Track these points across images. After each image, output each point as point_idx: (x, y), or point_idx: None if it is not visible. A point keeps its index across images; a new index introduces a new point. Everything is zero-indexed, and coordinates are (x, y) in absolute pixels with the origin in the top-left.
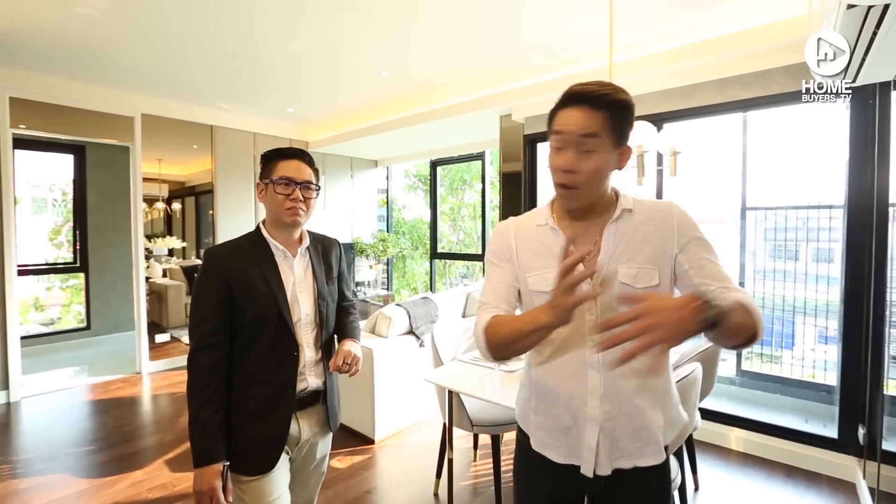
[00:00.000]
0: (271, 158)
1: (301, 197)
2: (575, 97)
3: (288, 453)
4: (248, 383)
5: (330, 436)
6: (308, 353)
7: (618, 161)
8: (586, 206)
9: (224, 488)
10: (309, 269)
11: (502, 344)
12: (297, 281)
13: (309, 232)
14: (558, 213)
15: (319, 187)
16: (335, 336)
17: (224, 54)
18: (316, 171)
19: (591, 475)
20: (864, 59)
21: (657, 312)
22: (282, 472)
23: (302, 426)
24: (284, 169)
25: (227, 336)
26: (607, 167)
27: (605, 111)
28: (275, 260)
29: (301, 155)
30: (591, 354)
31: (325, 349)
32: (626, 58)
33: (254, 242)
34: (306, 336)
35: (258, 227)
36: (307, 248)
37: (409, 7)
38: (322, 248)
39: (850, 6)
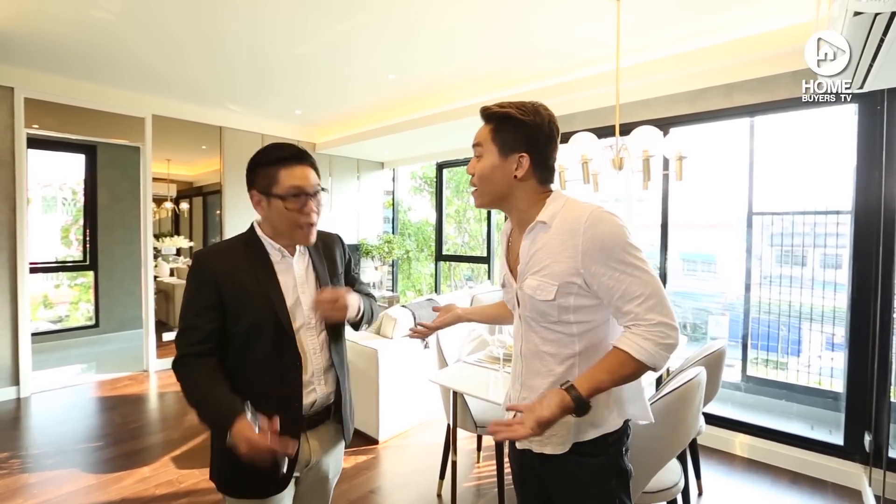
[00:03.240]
0: (266, 164)
1: (315, 208)
2: (481, 112)
3: (295, 474)
4: (247, 398)
5: (342, 447)
6: (315, 360)
7: (513, 168)
8: (511, 212)
9: (259, 430)
10: (310, 267)
11: None
12: (299, 282)
13: None
14: (516, 219)
15: (325, 188)
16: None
17: (234, 57)
18: (316, 169)
19: (519, 447)
20: (871, 66)
21: (527, 416)
22: (286, 495)
23: (312, 447)
24: (289, 178)
25: (216, 344)
26: (494, 171)
27: (491, 123)
28: (270, 260)
29: (303, 157)
30: (518, 347)
31: (336, 353)
32: (633, 62)
33: (246, 242)
34: (311, 342)
35: (252, 227)
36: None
37: (417, 12)
38: (323, 244)
39: (857, 13)
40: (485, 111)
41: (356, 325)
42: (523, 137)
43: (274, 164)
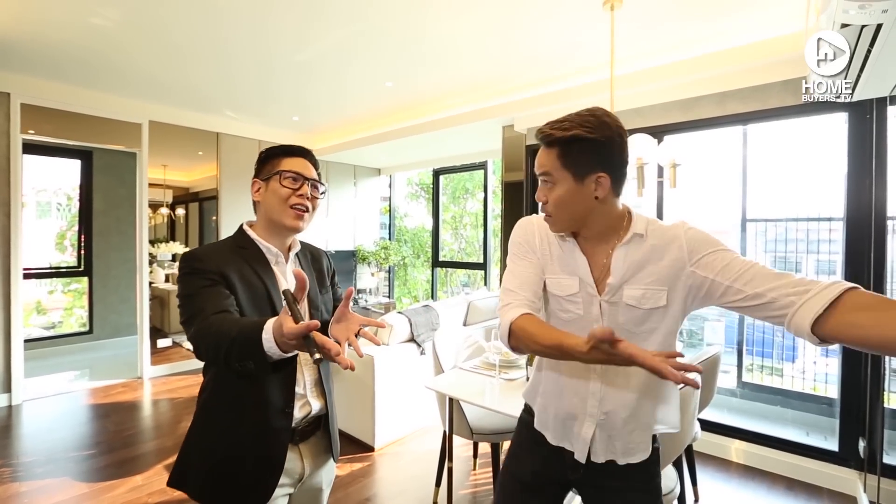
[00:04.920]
0: (273, 155)
1: (309, 194)
2: (539, 138)
3: (287, 489)
4: (239, 405)
5: (332, 464)
6: (308, 372)
7: (592, 189)
8: (587, 228)
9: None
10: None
11: (524, 345)
12: (293, 288)
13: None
14: None
15: (326, 187)
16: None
17: (232, 64)
18: (319, 173)
19: (583, 461)
20: (859, 76)
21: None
22: None
23: (305, 459)
24: (290, 163)
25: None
26: (573, 198)
27: (556, 149)
28: (265, 258)
29: (306, 153)
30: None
31: (324, 367)
32: (627, 70)
33: (239, 244)
34: (303, 353)
35: (241, 229)
36: (297, 254)
37: (414, 20)
38: (311, 255)
39: (844, 25)
40: (546, 137)
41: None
42: (598, 157)
43: (279, 155)
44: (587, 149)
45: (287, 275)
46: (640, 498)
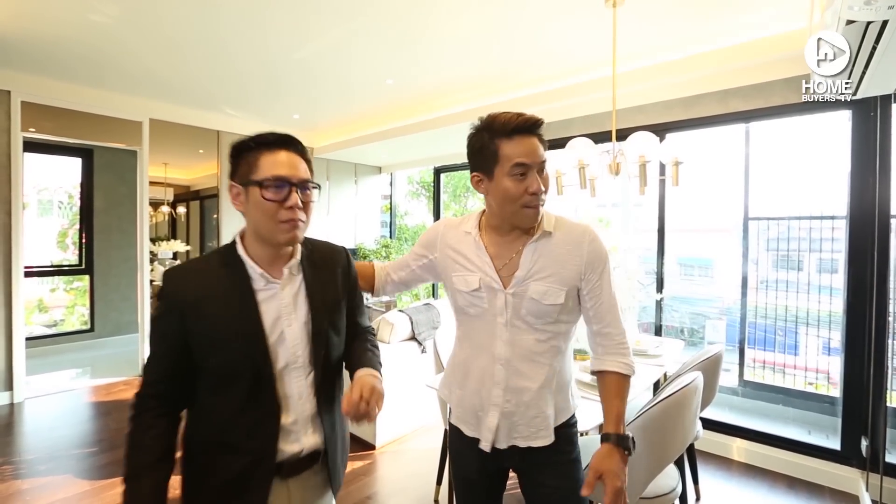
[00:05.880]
0: (247, 150)
1: (300, 203)
2: (527, 127)
3: None
4: (213, 449)
5: (331, 497)
6: (300, 407)
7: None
8: (513, 223)
9: None
10: (301, 292)
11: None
12: (284, 312)
13: (306, 239)
14: (485, 227)
15: (318, 185)
16: (343, 373)
17: (233, 61)
18: (309, 163)
19: (488, 450)
20: (864, 73)
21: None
22: None
23: (293, 496)
24: (271, 166)
25: (176, 386)
26: None
27: (541, 138)
28: (251, 285)
29: (290, 143)
30: (499, 352)
31: (327, 398)
32: (629, 68)
33: (224, 261)
34: (297, 385)
35: (233, 242)
36: (299, 263)
37: (415, 17)
38: (321, 260)
39: (850, 22)
40: (539, 123)
41: None
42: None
43: (256, 149)
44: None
45: (280, 295)
46: (557, 473)
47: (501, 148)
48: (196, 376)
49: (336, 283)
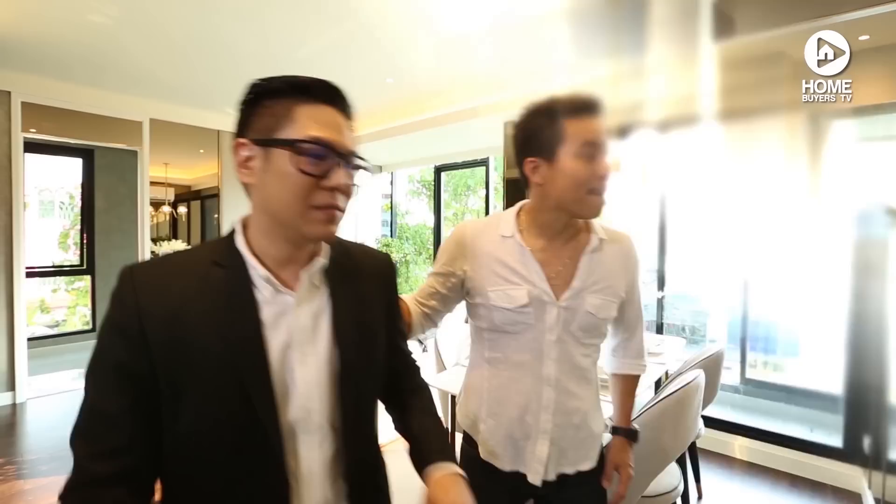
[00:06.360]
0: (272, 94)
1: (344, 187)
2: (595, 106)
3: None
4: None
5: None
6: (315, 488)
7: None
8: (570, 223)
9: None
10: (325, 313)
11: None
12: (297, 340)
13: (336, 239)
14: (526, 227)
15: (369, 164)
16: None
17: (233, 61)
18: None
19: (538, 483)
20: None
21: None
22: None
23: None
24: (312, 120)
25: (139, 455)
26: None
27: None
28: (252, 294)
29: (338, 97)
30: (548, 372)
31: (355, 477)
32: (629, 67)
33: (216, 259)
34: (309, 453)
35: (231, 234)
36: (323, 269)
37: (414, 16)
38: (356, 269)
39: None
40: (596, 103)
41: None
42: None
43: (290, 94)
44: None
45: (294, 314)
46: (595, 493)
47: (567, 126)
48: (159, 450)
49: (375, 302)
